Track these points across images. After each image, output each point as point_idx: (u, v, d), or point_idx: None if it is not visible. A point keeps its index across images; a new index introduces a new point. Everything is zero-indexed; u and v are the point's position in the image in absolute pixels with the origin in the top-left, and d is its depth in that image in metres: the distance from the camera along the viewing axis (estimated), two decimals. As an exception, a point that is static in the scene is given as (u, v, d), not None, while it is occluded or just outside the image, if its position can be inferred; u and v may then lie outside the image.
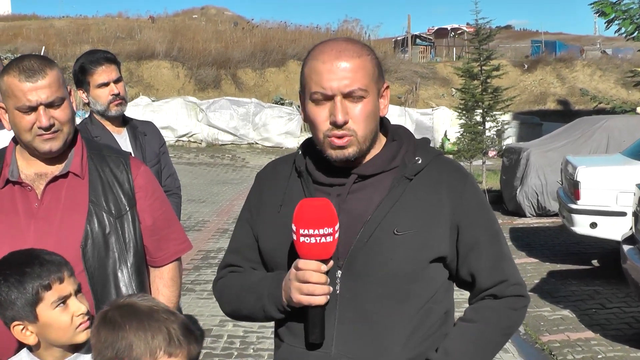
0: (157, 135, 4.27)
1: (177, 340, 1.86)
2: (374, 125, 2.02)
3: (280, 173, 2.17)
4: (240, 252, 2.21)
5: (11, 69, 2.32)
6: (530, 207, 12.56)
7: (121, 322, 1.87)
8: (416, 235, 1.97)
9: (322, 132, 1.97)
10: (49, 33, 34.22)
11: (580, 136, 12.42)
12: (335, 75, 1.93)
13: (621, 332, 6.65)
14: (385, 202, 1.99)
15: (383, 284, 1.96)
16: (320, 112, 1.97)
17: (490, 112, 16.38)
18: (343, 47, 1.96)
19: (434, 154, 2.09)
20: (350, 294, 1.97)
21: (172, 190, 4.20)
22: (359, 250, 1.97)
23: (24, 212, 2.36)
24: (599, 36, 53.26)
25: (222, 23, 40.49)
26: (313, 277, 1.89)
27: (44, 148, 2.35)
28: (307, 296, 1.91)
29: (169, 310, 1.94)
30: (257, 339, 6.42)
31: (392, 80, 33.22)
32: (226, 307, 2.21)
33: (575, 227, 8.66)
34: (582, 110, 27.66)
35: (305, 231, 1.85)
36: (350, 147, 1.97)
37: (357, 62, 1.95)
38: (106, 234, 2.39)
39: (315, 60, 1.97)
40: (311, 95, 1.97)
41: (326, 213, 1.86)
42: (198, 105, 26.09)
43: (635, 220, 6.60)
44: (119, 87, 3.97)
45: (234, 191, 16.60)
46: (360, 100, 1.95)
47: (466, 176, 2.12)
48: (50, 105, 2.32)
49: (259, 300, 2.07)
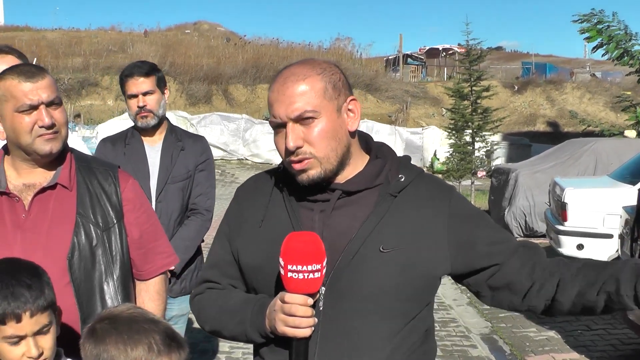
0: (199, 152, 4.14)
1: (157, 350, 1.86)
2: (337, 142, 1.98)
3: (262, 188, 2.15)
4: (219, 268, 2.19)
5: (8, 74, 2.33)
6: (518, 228, 12.60)
7: (102, 335, 1.88)
8: (402, 253, 1.95)
9: (285, 160, 1.99)
10: (41, 45, 34.24)
11: (569, 158, 12.49)
12: (282, 103, 1.94)
13: (606, 354, 6.66)
14: (371, 219, 1.98)
15: (367, 301, 1.95)
16: (280, 140, 1.98)
17: (479, 132, 16.49)
18: (290, 72, 1.97)
19: (417, 172, 2.09)
20: (333, 311, 1.95)
21: (198, 209, 4.12)
22: (344, 267, 1.95)
23: (10, 223, 2.35)
24: (588, 59, 53.63)
25: (215, 38, 40.63)
26: (299, 311, 1.87)
27: (44, 149, 2.34)
28: (293, 329, 1.89)
29: (151, 319, 1.93)
30: (243, 355, 6.40)
31: (383, 98, 33.36)
32: (206, 326, 2.19)
33: (562, 248, 8.71)
34: (571, 133, 27.82)
35: (294, 267, 1.83)
36: (312, 169, 1.95)
37: (301, 85, 1.94)
38: (93, 246, 2.39)
39: (269, 91, 1.99)
40: (270, 124, 2.01)
41: (314, 249, 1.84)
42: (189, 120, 26.07)
43: (621, 242, 6.64)
44: (148, 100, 3.95)
45: (222, 207, 16.37)
46: (311, 122, 1.94)
47: (450, 190, 2.12)
48: (50, 104, 2.33)
49: (241, 325, 2.05)
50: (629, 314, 5.83)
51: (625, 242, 6.41)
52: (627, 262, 1.97)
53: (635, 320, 5.73)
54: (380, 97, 33.32)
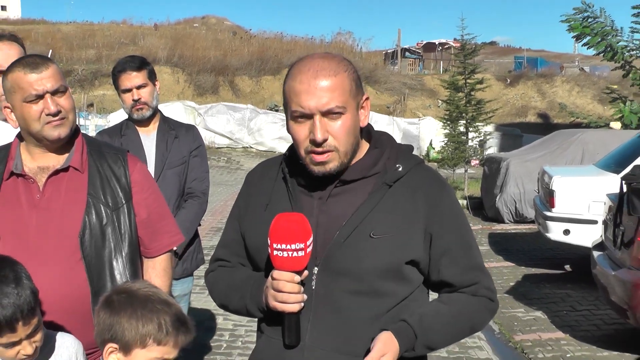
0: (191, 139, 4.18)
1: (165, 330, 1.90)
2: (355, 138, 2.01)
3: (268, 174, 2.19)
4: (229, 247, 2.25)
5: (15, 67, 2.38)
6: (509, 214, 12.62)
7: (118, 308, 1.91)
8: (391, 239, 1.98)
9: (303, 149, 1.98)
10: (57, 37, 34.19)
11: (557, 148, 12.48)
12: (313, 95, 1.91)
13: (589, 334, 6.70)
14: (364, 206, 2.00)
15: (356, 281, 1.98)
16: (301, 130, 1.96)
17: (473, 123, 16.46)
18: (320, 66, 1.94)
19: (415, 162, 2.10)
20: (325, 290, 1.99)
21: (195, 193, 4.15)
22: (335, 249, 1.98)
23: (26, 203, 2.38)
24: (578, 54, 53.50)
25: (222, 32, 40.49)
26: (286, 287, 1.92)
27: (53, 135, 2.37)
28: (281, 304, 1.94)
29: (165, 300, 1.96)
30: (245, 332, 6.44)
31: (382, 90, 33.28)
32: (216, 300, 2.26)
33: (550, 233, 8.72)
34: (561, 124, 27.76)
35: (279, 245, 1.87)
36: (331, 163, 1.97)
37: (333, 81, 1.92)
38: (103, 225, 2.41)
39: (293, 81, 1.96)
40: (291, 113, 1.98)
41: (299, 228, 1.87)
42: (196, 109, 26.06)
43: (605, 228, 6.66)
44: (142, 93, 3.99)
45: (228, 192, 16.58)
46: (339, 117, 1.94)
47: (444, 185, 2.12)
48: (55, 93, 2.36)
49: (242, 299, 2.11)
50: (611, 296, 5.86)
51: (608, 228, 6.43)
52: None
53: (617, 302, 5.76)
54: (379, 89, 33.25)
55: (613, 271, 5.87)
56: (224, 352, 6.01)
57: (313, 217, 1.98)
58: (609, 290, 5.92)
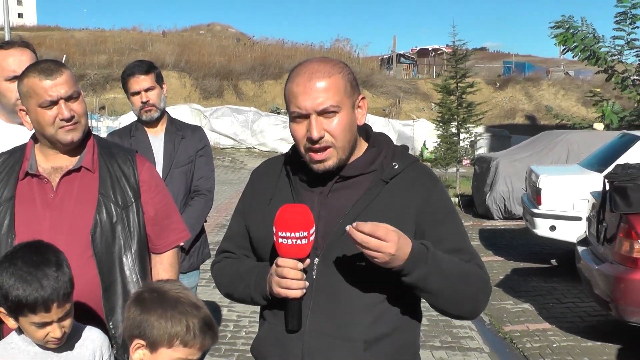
0: (197, 140, 4.17)
1: (193, 333, 1.88)
2: (352, 135, 2.03)
3: (272, 171, 2.22)
4: (234, 240, 2.27)
5: (30, 72, 2.36)
6: (498, 211, 12.61)
7: (149, 306, 1.89)
8: None
9: (302, 147, 2.02)
10: (70, 43, 34.16)
11: (544, 148, 12.48)
12: (309, 96, 1.96)
13: (574, 324, 6.70)
14: (362, 200, 2.02)
15: (354, 272, 1.99)
16: (300, 129, 2.01)
17: (464, 124, 16.46)
18: (315, 69, 1.99)
19: (411, 161, 2.12)
20: (325, 279, 2.01)
21: (201, 191, 4.14)
22: (335, 241, 2.00)
23: (40, 202, 2.37)
24: (563, 59, 53.31)
25: (226, 39, 40.47)
26: (290, 273, 1.94)
27: (66, 139, 2.36)
28: (285, 289, 1.96)
29: (195, 304, 1.93)
30: (249, 323, 6.43)
31: (378, 94, 33.25)
32: (222, 289, 2.28)
33: (537, 229, 8.71)
34: (547, 125, 27.72)
35: (283, 233, 1.90)
36: (329, 160, 2.00)
37: (328, 82, 1.96)
38: (113, 223, 2.41)
39: (292, 84, 2.01)
40: (291, 114, 2.02)
41: (303, 218, 1.90)
42: (202, 112, 26.06)
43: (589, 224, 6.65)
44: (150, 95, 3.98)
45: (232, 190, 16.58)
46: (334, 115, 1.97)
47: (437, 181, 2.14)
48: (69, 98, 2.35)
49: (247, 288, 2.13)
50: (594, 289, 5.86)
51: (592, 224, 6.43)
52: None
53: (600, 295, 5.75)
54: (376, 93, 33.22)
55: (596, 265, 5.87)
56: (229, 342, 6.01)
57: (314, 211, 1.99)
58: (593, 284, 5.92)
